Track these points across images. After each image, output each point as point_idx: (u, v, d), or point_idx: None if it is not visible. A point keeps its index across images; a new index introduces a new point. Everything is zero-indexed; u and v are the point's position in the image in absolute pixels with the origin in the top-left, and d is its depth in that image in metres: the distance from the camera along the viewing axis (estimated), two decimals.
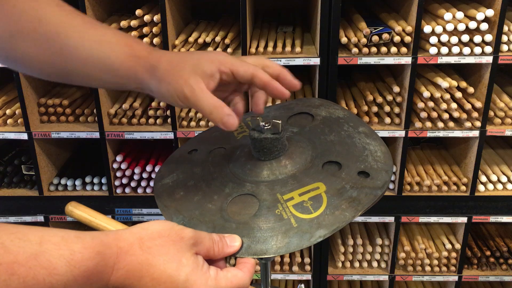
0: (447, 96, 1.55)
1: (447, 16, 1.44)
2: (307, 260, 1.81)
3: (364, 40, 1.48)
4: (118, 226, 0.64)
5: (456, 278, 1.79)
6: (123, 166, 1.67)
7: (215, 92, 0.65)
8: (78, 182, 1.73)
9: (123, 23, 1.48)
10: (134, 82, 0.67)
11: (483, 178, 1.67)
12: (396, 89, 1.58)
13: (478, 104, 1.53)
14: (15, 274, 0.45)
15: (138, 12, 1.49)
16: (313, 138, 0.75)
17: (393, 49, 1.48)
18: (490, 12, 1.42)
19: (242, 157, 0.74)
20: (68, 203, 0.66)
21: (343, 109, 0.83)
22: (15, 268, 0.45)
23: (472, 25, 1.44)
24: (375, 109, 1.60)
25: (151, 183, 1.69)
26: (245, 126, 0.84)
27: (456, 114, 1.54)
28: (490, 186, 1.67)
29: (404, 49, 1.48)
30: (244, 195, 0.68)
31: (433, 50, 1.47)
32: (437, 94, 1.53)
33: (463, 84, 1.56)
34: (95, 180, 1.72)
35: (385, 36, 1.47)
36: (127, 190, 1.70)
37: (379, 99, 1.59)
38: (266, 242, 0.61)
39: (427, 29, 1.46)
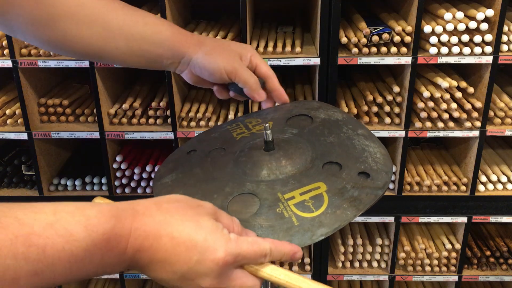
0: (447, 96, 1.55)
1: (447, 16, 1.44)
2: (307, 260, 1.81)
3: (364, 40, 1.48)
4: None
5: (456, 278, 1.79)
6: (123, 166, 1.67)
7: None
8: (78, 182, 1.73)
9: None
10: (174, 55, 0.79)
11: (483, 178, 1.67)
12: (396, 89, 1.58)
13: (478, 104, 1.53)
14: (33, 245, 0.44)
15: None
16: (312, 139, 0.76)
17: (393, 49, 1.48)
18: (490, 12, 1.42)
19: (242, 157, 0.74)
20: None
21: (341, 111, 0.84)
22: (33, 239, 0.44)
23: (472, 25, 1.44)
24: (375, 109, 1.60)
25: (151, 183, 1.69)
26: (244, 127, 0.84)
27: (456, 114, 1.54)
28: (490, 186, 1.67)
29: (404, 49, 1.48)
30: (244, 195, 0.68)
31: (433, 50, 1.47)
32: (437, 94, 1.53)
33: (463, 84, 1.56)
34: (95, 180, 1.72)
35: (385, 36, 1.47)
36: (127, 190, 1.70)
37: (379, 99, 1.59)
38: None
39: (427, 29, 1.46)
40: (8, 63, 1.52)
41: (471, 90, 1.55)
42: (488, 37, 1.44)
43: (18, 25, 0.75)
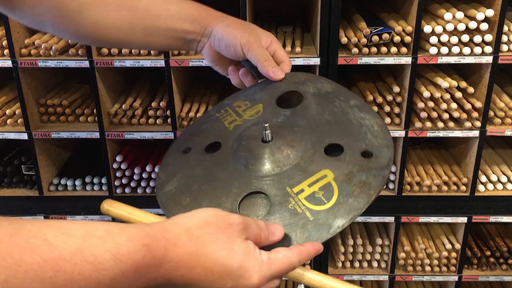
0: (447, 96, 1.55)
1: (447, 16, 1.44)
2: None
3: (364, 40, 1.48)
4: (159, 220, 0.62)
5: (456, 278, 1.79)
6: (123, 166, 1.67)
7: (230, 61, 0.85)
8: (78, 182, 1.73)
9: None
10: (198, 29, 0.81)
11: (483, 178, 1.67)
12: (396, 89, 1.58)
13: (478, 104, 1.53)
14: (61, 270, 0.44)
15: None
16: (307, 120, 0.73)
17: (393, 49, 1.48)
18: (490, 12, 1.42)
19: (241, 151, 0.71)
20: (104, 202, 0.64)
21: (329, 81, 0.81)
22: (61, 264, 0.44)
23: (472, 25, 1.44)
24: (375, 109, 1.60)
25: (151, 183, 1.69)
26: (234, 113, 0.81)
27: (456, 114, 1.54)
28: (490, 186, 1.67)
29: (404, 49, 1.48)
30: (252, 195, 0.66)
31: (433, 50, 1.47)
32: (437, 94, 1.53)
33: (463, 84, 1.56)
34: (95, 180, 1.72)
35: (385, 36, 1.47)
36: (127, 190, 1.70)
37: (379, 99, 1.59)
38: (285, 239, 0.59)
39: (427, 29, 1.46)
40: (8, 63, 1.52)
41: (471, 90, 1.55)
42: (488, 37, 1.44)
43: (48, 19, 0.77)
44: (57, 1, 0.75)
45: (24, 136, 1.62)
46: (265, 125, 0.69)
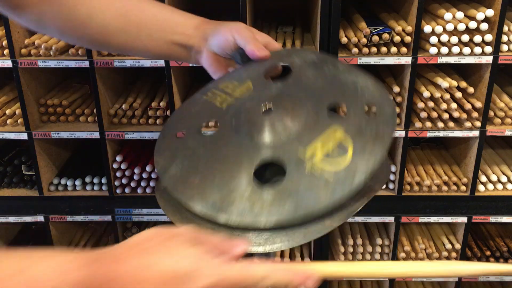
0: (447, 96, 1.55)
1: (447, 16, 1.44)
2: (307, 259, 1.81)
3: (364, 40, 1.48)
4: None
5: (456, 278, 1.79)
6: (123, 166, 1.67)
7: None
8: (78, 182, 1.73)
9: None
10: (200, 34, 0.83)
11: (483, 178, 1.67)
12: (396, 89, 1.58)
13: (478, 104, 1.53)
14: None
15: None
16: (302, 88, 0.72)
17: (393, 49, 1.48)
18: (490, 12, 1.42)
19: (242, 126, 0.69)
20: None
21: (313, 52, 0.81)
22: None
23: (472, 25, 1.44)
24: (375, 109, 1.59)
25: (151, 183, 1.69)
26: (224, 93, 0.78)
27: (456, 114, 1.54)
28: (490, 186, 1.67)
29: (404, 49, 1.48)
30: (265, 167, 0.64)
31: (433, 50, 1.47)
32: (437, 94, 1.53)
33: (463, 84, 1.56)
34: (95, 180, 1.72)
35: (385, 36, 1.47)
36: (127, 190, 1.70)
37: None
38: (309, 200, 0.57)
39: (427, 29, 1.46)
40: (8, 63, 1.52)
41: (471, 90, 1.55)
42: (488, 37, 1.44)
43: (54, 22, 0.78)
44: (67, 5, 0.76)
45: (24, 136, 1.62)
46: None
